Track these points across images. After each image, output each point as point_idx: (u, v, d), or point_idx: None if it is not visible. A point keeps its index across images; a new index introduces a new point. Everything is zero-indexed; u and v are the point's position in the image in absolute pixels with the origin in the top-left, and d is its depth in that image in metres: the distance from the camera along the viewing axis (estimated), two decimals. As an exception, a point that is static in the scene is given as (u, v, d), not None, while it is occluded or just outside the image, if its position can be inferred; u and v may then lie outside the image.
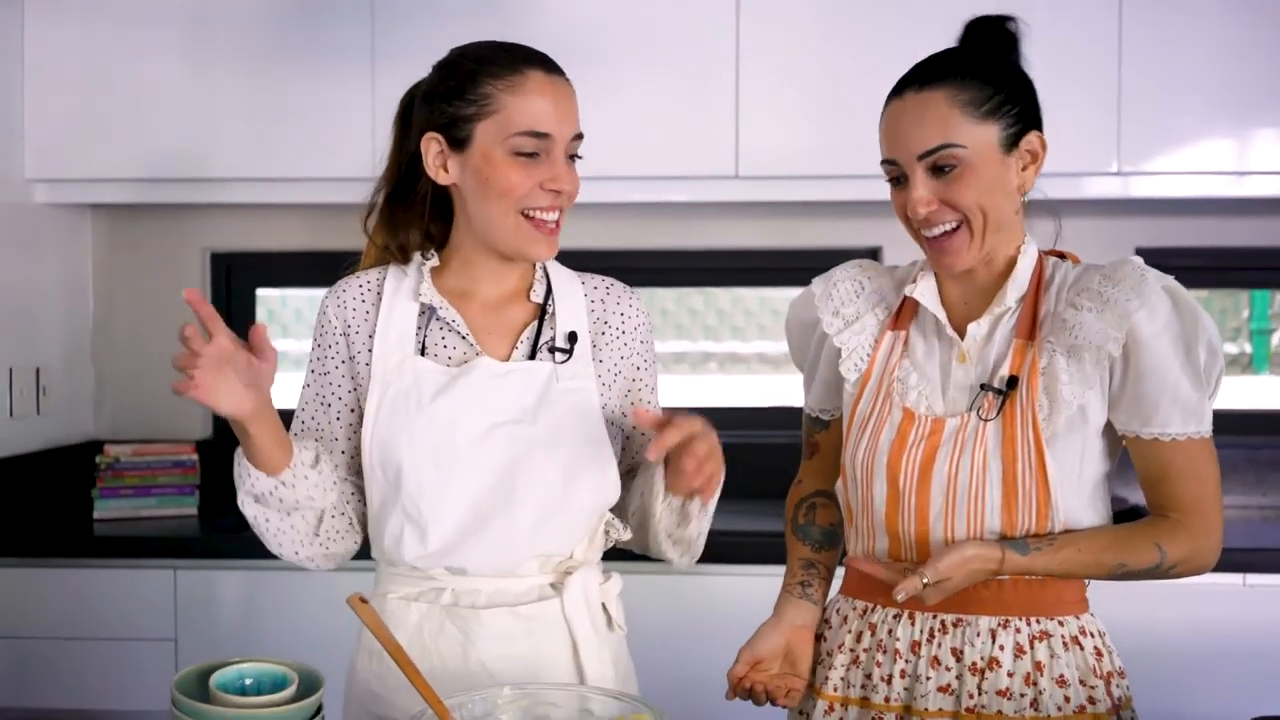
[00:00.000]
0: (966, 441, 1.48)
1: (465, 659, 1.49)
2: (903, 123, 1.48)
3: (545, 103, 1.47)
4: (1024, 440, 1.46)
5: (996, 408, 1.48)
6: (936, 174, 1.46)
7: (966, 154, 1.45)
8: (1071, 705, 1.48)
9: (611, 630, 1.59)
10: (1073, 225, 3.08)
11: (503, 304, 1.57)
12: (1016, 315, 1.52)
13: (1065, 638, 1.50)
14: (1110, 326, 1.44)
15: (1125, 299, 1.43)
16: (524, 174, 1.46)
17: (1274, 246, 3.12)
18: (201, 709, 1.27)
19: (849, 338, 1.62)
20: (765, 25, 2.76)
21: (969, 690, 1.48)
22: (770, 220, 3.13)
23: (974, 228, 1.47)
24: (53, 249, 3.10)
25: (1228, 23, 2.71)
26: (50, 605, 2.64)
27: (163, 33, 2.86)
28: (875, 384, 1.58)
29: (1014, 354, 1.49)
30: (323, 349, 1.58)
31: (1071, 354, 1.46)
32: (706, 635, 2.53)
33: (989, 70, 1.49)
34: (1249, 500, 3.09)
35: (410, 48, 2.80)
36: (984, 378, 1.51)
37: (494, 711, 1.31)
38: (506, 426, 1.50)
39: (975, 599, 1.48)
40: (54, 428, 3.08)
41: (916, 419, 1.52)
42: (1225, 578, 2.49)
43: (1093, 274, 1.49)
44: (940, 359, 1.55)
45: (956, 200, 1.46)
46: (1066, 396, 1.46)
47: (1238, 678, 2.46)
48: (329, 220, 3.20)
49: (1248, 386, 3.51)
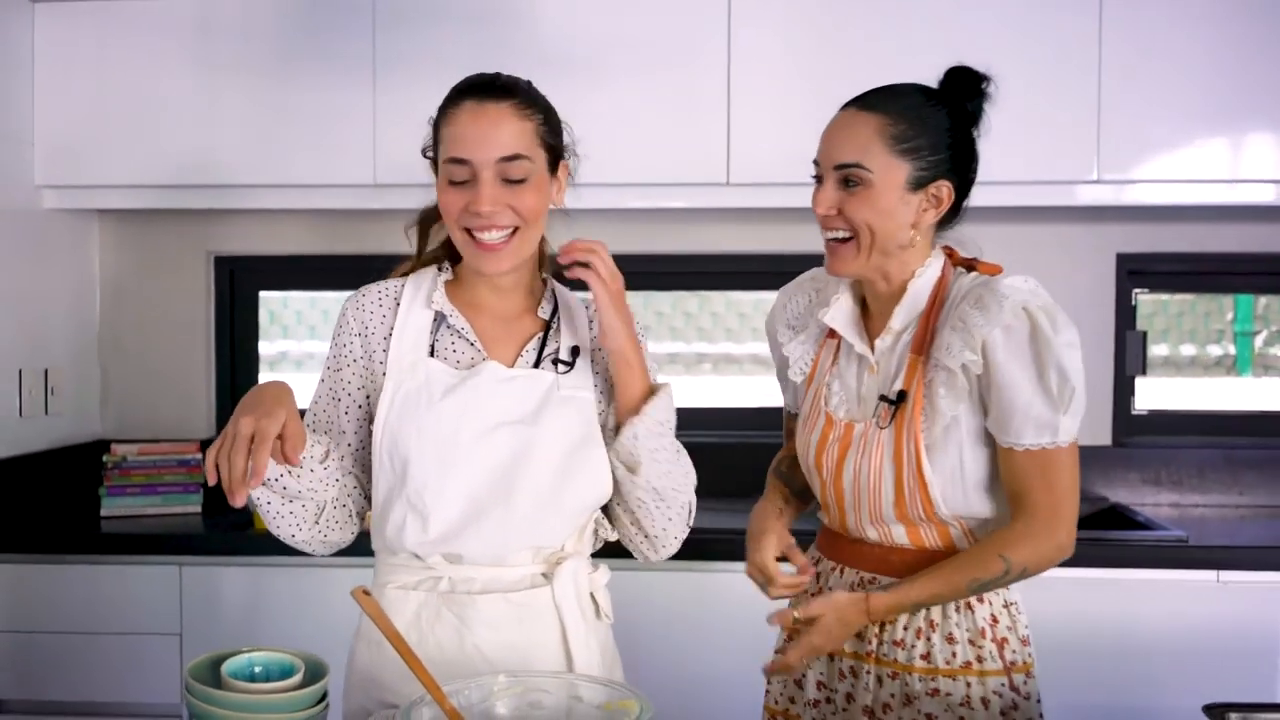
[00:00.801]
0: (868, 445, 1.67)
1: (461, 643, 1.57)
2: (834, 132, 1.67)
3: (467, 130, 1.56)
4: (908, 447, 1.63)
5: (889, 417, 1.65)
6: (844, 185, 1.64)
7: (872, 178, 1.62)
8: (958, 660, 1.65)
9: (599, 619, 1.67)
10: (1055, 232, 3.20)
11: (511, 318, 1.68)
12: (913, 332, 1.67)
13: (959, 603, 1.66)
14: (968, 349, 1.58)
15: (981, 324, 1.58)
16: (455, 197, 1.57)
17: (1255, 252, 3.19)
18: (214, 694, 1.34)
19: (794, 348, 1.82)
20: (756, 36, 2.82)
21: (870, 637, 1.69)
22: (762, 225, 3.19)
23: (861, 243, 1.64)
24: (61, 253, 3.15)
25: (1206, 32, 2.76)
26: (59, 601, 2.68)
27: (169, 42, 2.92)
28: (814, 389, 1.78)
29: (907, 369, 1.66)
30: (339, 348, 1.67)
31: (946, 373, 1.62)
32: (694, 630, 2.61)
33: (927, 114, 1.64)
34: (1225, 499, 3.16)
35: (411, 57, 2.86)
36: (885, 389, 1.68)
37: (489, 698, 1.38)
38: (509, 426, 1.59)
39: (884, 562, 1.70)
40: (62, 427, 3.13)
41: (835, 423, 1.72)
42: (1200, 574, 2.55)
43: (970, 296, 1.62)
44: (856, 369, 1.74)
45: (851, 213, 1.63)
46: (942, 408, 1.62)
47: (1212, 672, 2.51)
48: (330, 225, 3.26)
49: (1231, 388, 3.56)
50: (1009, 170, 2.76)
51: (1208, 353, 3.50)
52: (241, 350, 3.41)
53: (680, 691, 2.49)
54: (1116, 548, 2.58)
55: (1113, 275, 3.19)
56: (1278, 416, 3.29)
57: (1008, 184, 2.78)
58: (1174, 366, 3.48)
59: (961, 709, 1.64)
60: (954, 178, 1.66)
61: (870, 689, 1.69)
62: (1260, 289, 3.37)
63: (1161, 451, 3.19)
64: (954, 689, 1.64)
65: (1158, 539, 2.64)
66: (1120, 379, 3.22)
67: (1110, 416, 3.21)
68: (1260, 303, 3.49)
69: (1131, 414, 3.24)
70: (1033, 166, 2.77)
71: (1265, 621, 2.54)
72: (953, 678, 1.64)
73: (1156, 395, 3.33)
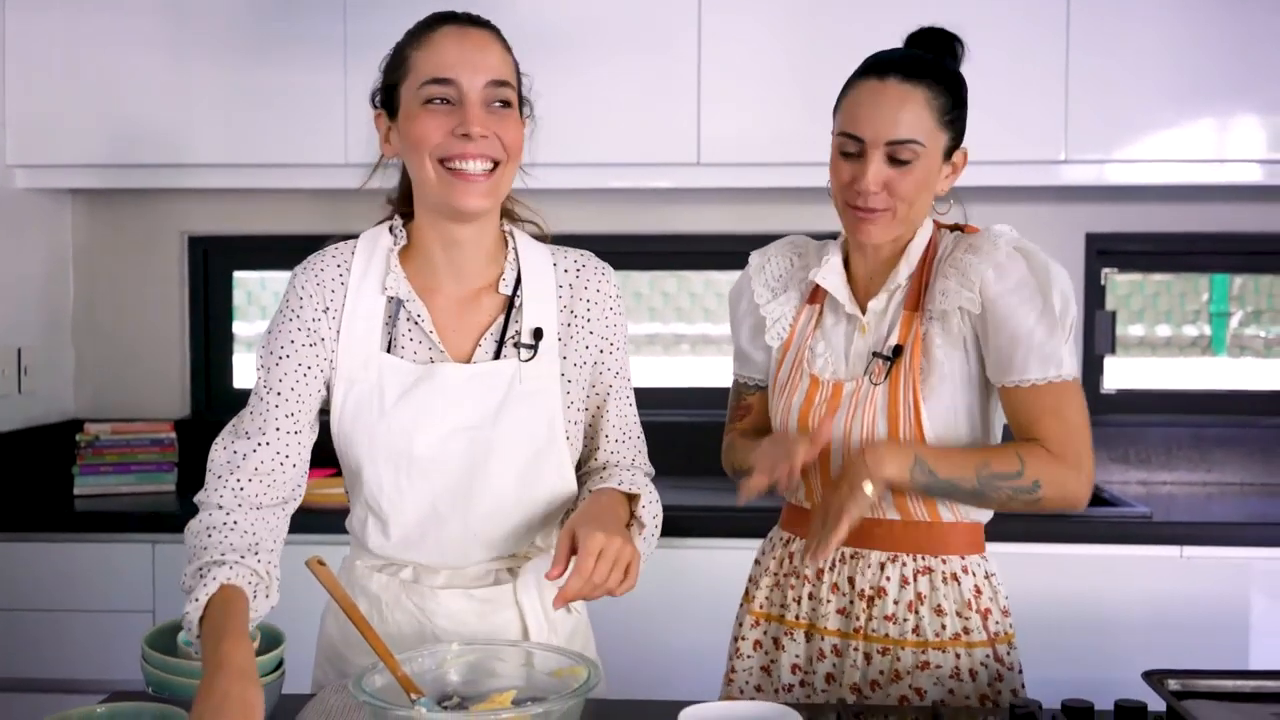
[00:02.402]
0: (860, 403, 1.64)
1: (420, 631, 1.55)
2: (882, 106, 1.58)
3: (451, 51, 1.47)
4: (905, 401, 1.61)
5: (884, 373, 1.63)
6: (893, 162, 1.58)
7: (924, 152, 1.58)
8: (948, 632, 1.65)
9: (569, 613, 1.63)
10: (1024, 211, 3.22)
11: (471, 298, 1.56)
12: (907, 290, 1.66)
13: (945, 574, 1.66)
14: (965, 289, 1.58)
15: (978, 263, 1.58)
16: (435, 122, 1.45)
17: (1224, 232, 3.21)
18: (169, 662, 1.36)
19: (774, 309, 1.77)
20: (727, 17, 2.83)
21: (858, 613, 1.66)
22: (733, 205, 3.20)
23: (899, 214, 1.61)
24: (34, 233, 3.15)
25: (1174, 12, 2.77)
26: (32, 579, 2.69)
27: (140, 21, 2.91)
28: (793, 353, 1.74)
29: (901, 324, 1.65)
30: (304, 321, 1.52)
31: (940, 319, 1.61)
32: (664, 606, 2.63)
33: (956, 85, 1.63)
34: (1192, 477, 3.19)
35: (383, 37, 2.79)
36: (877, 347, 1.66)
37: (442, 665, 1.40)
38: (466, 431, 1.51)
39: (869, 535, 1.65)
40: (35, 406, 3.13)
41: (821, 384, 1.69)
42: (1164, 550, 2.58)
43: (961, 244, 1.62)
44: (845, 330, 1.71)
45: (901, 189, 1.59)
46: (939, 358, 1.61)
47: (1174, 646, 2.54)
48: (303, 204, 3.26)
49: (1206, 368, 3.58)
50: (977, 150, 2.76)
51: (1183, 333, 3.52)
52: (215, 330, 3.41)
53: (650, 664, 2.52)
54: (1082, 524, 2.61)
55: (1082, 255, 3.21)
56: (1245, 395, 3.33)
57: (976, 164, 2.77)
58: (1149, 347, 3.50)
59: (951, 680, 1.64)
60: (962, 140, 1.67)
61: (859, 666, 1.66)
62: (1228, 268, 3.40)
63: (1129, 430, 3.22)
64: (944, 661, 1.64)
65: (1121, 515, 2.67)
66: (1089, 358, 3.24)
67: (1079, 395, 3.23)
68: (1235, 283, 3.51)
69: (1100, 393, 3.27)
70: (1001, 146, 2.78)
71: (1228, 596, 2.58)
72: (942, 650, 1.64)
73: (1126, 374, 3.35)
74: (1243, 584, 2.58)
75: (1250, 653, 2.58)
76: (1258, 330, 3.52)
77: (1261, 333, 3.51)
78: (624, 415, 1.65)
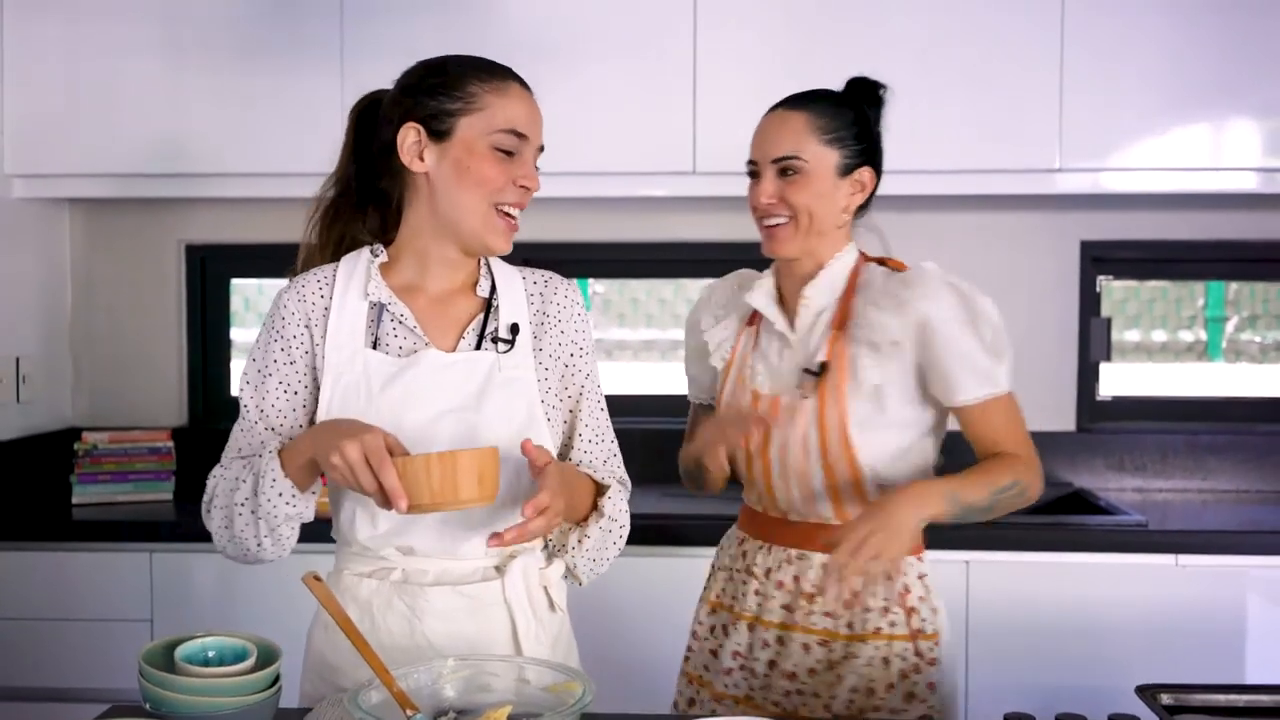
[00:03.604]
0: (794, 415, 1.80)
1: (411, 633, 1.57)
2: (767, 132, 1.84)
3: (524, 108, 1.61)
4: (832, 414, 1.77)
5: (812, 388, 1.79)
6: (782, 175, 1.80)
7: (807, 166, 1.80)
8: (871, 625, 1.79)
9: (554, 612, 1.67)
10: (1019, 220, 3.23)
11: (449, 298, 1.65)
12: (834, 311, 1.82)
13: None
14: (902, 321, 1.75)
15: (915, 298, 1.76)
16: (500, 169, 1.58)
17: (1217, 239, 3.21)
18: (167, 679, 1.36)
19: (716, 334, 1.97)
20: (722, 26, 2.84)
21: (800, 608, 1.82)
22: (729, 214, 3.20)
23: (800, 224, 1.81)
24: (31, 242, 3.16)
25: (1169, 20, 2.78)
26: (30, 588, 2.69)
27: (138, 31, 2.92)
28: (735, 372, 1.92)
29: (828, 343, 1.81)
30: (286, 339, 1.62)
31: (869, 344, 1.77)
32: (647, 614, 2.63)
33: (841, 112, 1.83)
34: (1188, 484, 3.20)
35: (379, 45, 2.87)
36: (806, 363, 1.82)
37: (438, 681, 1.41)
38: (451, 414, 1.58)
39: (813, 539, 1.82)
40: (33, 415, 3.14)
41: (760, 398, 1.86)
42: (1158, 558, 2.58)
43: (893, 280, 1.80)
44: (777, 348, 1.88)
45: (792, 199, 1.80)
46: (864, 378, 1.76)
47: (1170, 655, 2.55)
48: (300, 213, 3.23)
49: (1202, 374, 3.60)
50: (972, 159, 2.80)
51: (1179, 338, 3.54)
52: (213, 338, 3.42)
53: (632, 672, 2.52)
54: (1076, 532, 2.62)
55: (1077, 262, 3.22)
56: (1240, 402, 3.33)
57: (971, 172, 2.82)
58: (1145, 352, 3.52)
59: (865, 668, 1.78)
60: (872, 166, 1.85)
61: (794, 654, 1.82)
62: (1222, 275, 3.41)
63: (1125, 437, 3.23)
64: (863, 652, 1.78)
65: (1117, 523, 2.67)
66: (1084, 365, 3.25)
67: (1074, 402, 3.24)
68: (1231, 288, 3.52)
69: (1095, 400, 3.28)
70: (995, 155, 2.80)
71: (1224, 603, 2.58)
72: (864, 641, 1.78)
73: (1121, 381, 3.36)
74: (1239, 592, 2.58)
75: (1246, 661, 2.58)
76: (1253, 335, 3.53)
77: (1257, 338, 3.53)
78: (596, 418, 1.72)
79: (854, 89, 1.88)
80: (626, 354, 3.65)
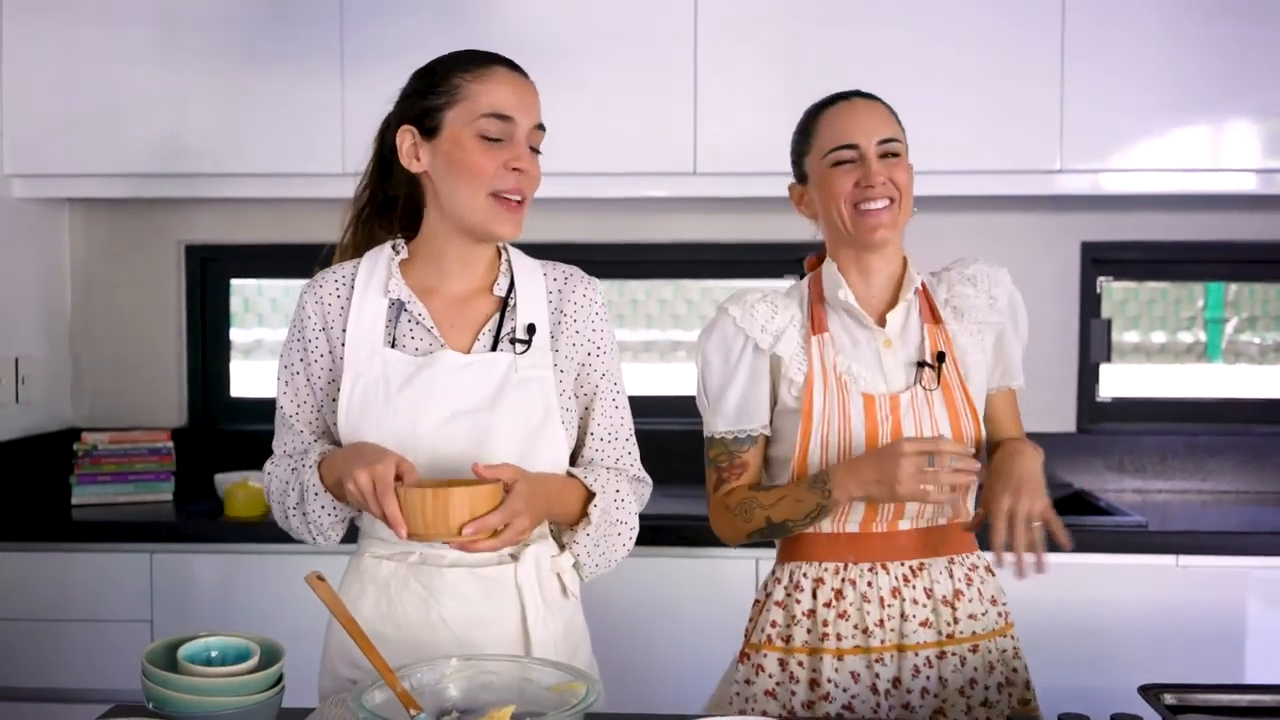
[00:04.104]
0: (920, 410, 1.75)
1: (427, 613, 1.61)
2: (864, 116, 1.78)
3: (508, 90, 1.59)
4: (960, 400, 1.76)
5: (935, 379, 1.76)
6: (884, 158, 1.76)
7: (903, 148, 1.79)
8: (1002, 620, 1.81)
9: (565, 598, 1.69)
10: (1020, 220, 3.23)
11: (467, 298, 1.67)
12: (918, 306, 1.82)
13: (984, 566, 1.84)
14: (990, 308, 1.83)
15: (992, 287, 1.83)
16: (489, 156, 1.57)
17: (1218, 240, 3.22)
18: (170, 678, 1.36)
19: (783, 347, 1.78)
20: (722, 28, 2.84)
21: (945, 620, 1.74)
22: (730, 215, 3.21)
23: (900, 207, 1.76)
24: (31, 242, 3.16)
25: (1169, 21, 2.79)
26: (29, 588, 2.69)
27: (138, 32, 2.92)
28: (821, 381, 1.75)
29: (929, 336, 1.79)
30: (305, 340, 1.67)
31: (968, 332, 1.82)
32: (663, 614, 2.63)
33: None
34: (1188, 485, 3.20)
35: (378, 48, 2.87)
36: (917, 357, 1.78)
37: (441, 680, 1.41)
38: (466, 416, 1.60)
39: (929, 544, 1.77)
40: (33, 416, 3.13)
41: (877, 400, 1.75)
42: (1159, 559, 2.59)
43: (951, 274, 1.86)
44: (867, 348, 1.79)
45: (899, 179, 1.75)
46: (972, 363, 1.81)
47: (1170, 655, 2.56)
48: (299, 213, 3.27)
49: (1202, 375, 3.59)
50: (973, 159, 2.80)
51: (1179, 339, 3.53)
52: (212, 338, 3.42)
53: (648, 671, 2.52)
54: (1077, 532, 2.58)
55: (1077, 263, 3.22)
56: (1240, 403, 3.34)
57: (972, 173, 2.82)
58: (1145, 353, 3.51)
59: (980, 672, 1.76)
60: None
61: (959, 670, 1.74)
62: (1223, 276, 3.41)
63: (1125, 438, 3.23)
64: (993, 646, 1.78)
65: (1117, 524, 2.67)
66: (1085, 366, 3.25)
67: (1075, 403, 3.25)
68: (1230, 290, 3.52)
69: (1095, 401, 3.28)
70: (996, 155, 2.80)
71: (1224, 604, 2.58)
72: (991, 638, 1.78)
73: (1121, 382, 3.37)
74: (1239, 593, 2.58)
75: (1246, 661, 2.58)
76: (1252, 337, 3.53)
77: (1256, 339, 3.52)
78: (610, 417, 1.73)
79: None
80: (626, 355, 3.67)
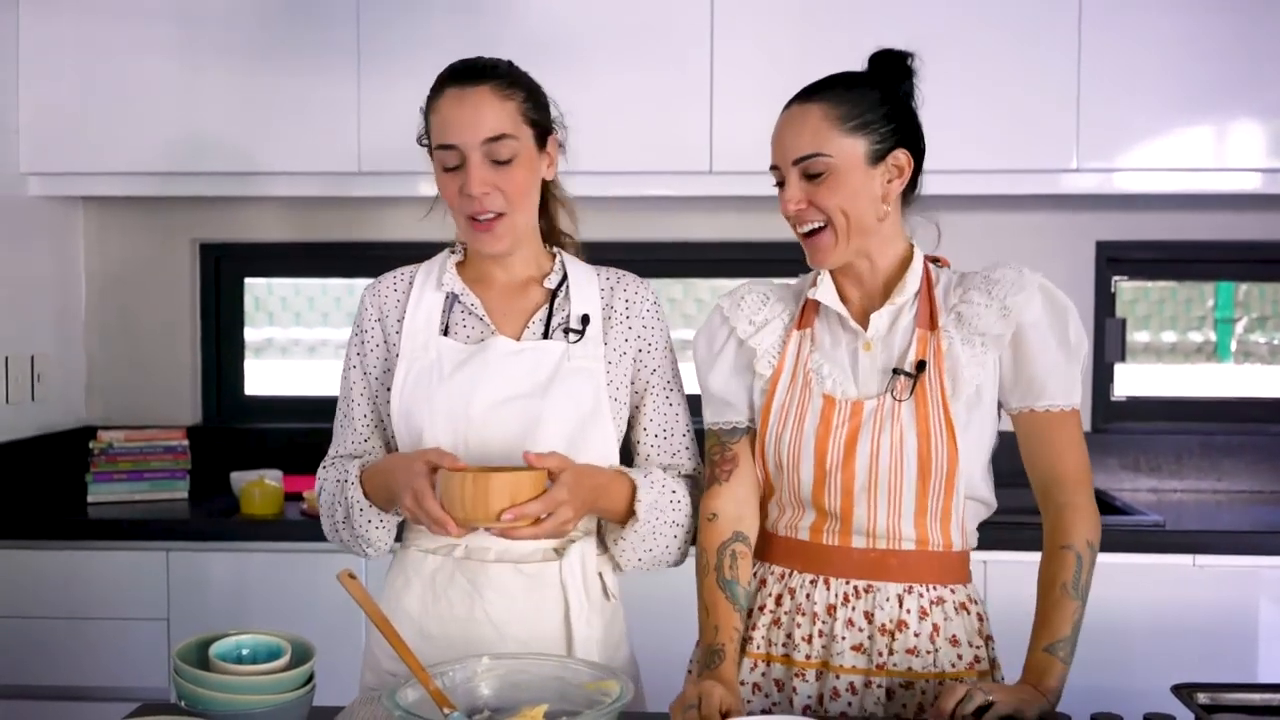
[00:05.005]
0: (884, 421, 1.62)
1: (471, 607, 1.63)
2: (783, 132, 1.65)
3: (450, 115, 1.61)
4: (935, 417, 1.60)
5: (908, 389, 1.62)
6: (808, 178, 1.61)
7: (833, 162, 1.60)
8: (964, 662, 1.64)
9: (607, 599, 1.71)
10: (1035, 220, 3.22)
11: (519, 289, 1.73)
12: (915, 309, 1.66)
13: (955, 603, 1.65)
14: (999, 318, 1.61)
15: (1009, 294, 1.61)
16: (449, 184, 1.64)
17: (1233, 240, 3.22)
18: (202, 676, 1.36)
19: (761, 338, 1.72)
20: (739, 25, 2.84)
21: (879, 649, 1.61)
22: (745, 213, 3.21)
23: (838, 228, 1.62)
24: (47, 240, 3.16)
25: (1185, 20, 2.79)
26: (46, 586, 2.70)
27: (154, 31, 2.92)
28: (789, 377, 1.69)
29: (918, 342, 1.63)
30: (361, 334, 1.75)
31: (968, 343, 1.63)
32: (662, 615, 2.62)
33: (863, 93, 1.64)
34: (1203, 485, 3.20)
35: (395, 47, 2.87)
36: (892, 364, 1.64)
37: (473, 679, 1.41)
38: (519, 400, 1.63)
39: (884, 567, 1.63)
40: (48, 414, 3.14)
41: (837, 404, 1.64)
42: (1176, 558, 2.59)
43: (975, 277, 1.66)
44: (846, 349, 1.68)
45: (822, 202, 1.61)
46: (966, 378, 1.61)
47: (1189, 654, 2.55)
48: (314, 212, 3.27)
49: (1212, 374, 3.59)
50: (988, 159, 2.80)
51: (1189, 339, 3.53)
52: (227, 336, 3.42)
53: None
54: (1094, 532, 2.61)
55: (1092, 263, 3.22)
56: (1255, 403, 3.34)
57: (987, 172, 2.82)
58: (1155, 353, 3.51)
59: None
60: (908, 146, 1.66)
61: (881, 703, 1.62)
62: (1238, 276, 3.41)
63: (1140, 438, 3.23)
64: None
65: (1134, 524, 2.68)
66: (1100, 366, 3.25)
67: (1090, 403, 3.25)
68: (1241, 289, 3.52)
69: (1110, 400, 3.28)
70: (1012, 155, 2.80)
71: (1241, 604, 2.59)
72: (959, 680, 1.60)
73: (1136, 382, 3.37)
74: (1254, 592, 2.59)
75: (1260, 661, 2.58)
76: (1262, 337, 3.53)
77: (1266, 339, 3.52)
78: (663, 413, 1.74)
79: (878, 64, 1.69)
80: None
